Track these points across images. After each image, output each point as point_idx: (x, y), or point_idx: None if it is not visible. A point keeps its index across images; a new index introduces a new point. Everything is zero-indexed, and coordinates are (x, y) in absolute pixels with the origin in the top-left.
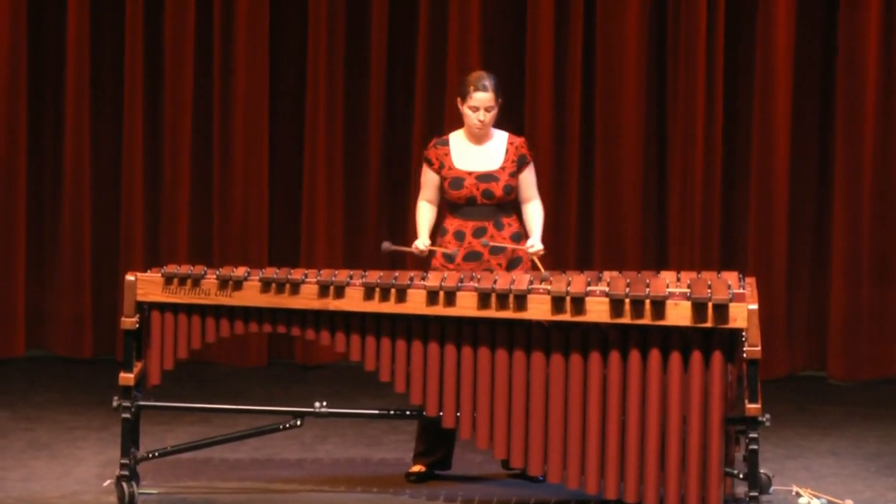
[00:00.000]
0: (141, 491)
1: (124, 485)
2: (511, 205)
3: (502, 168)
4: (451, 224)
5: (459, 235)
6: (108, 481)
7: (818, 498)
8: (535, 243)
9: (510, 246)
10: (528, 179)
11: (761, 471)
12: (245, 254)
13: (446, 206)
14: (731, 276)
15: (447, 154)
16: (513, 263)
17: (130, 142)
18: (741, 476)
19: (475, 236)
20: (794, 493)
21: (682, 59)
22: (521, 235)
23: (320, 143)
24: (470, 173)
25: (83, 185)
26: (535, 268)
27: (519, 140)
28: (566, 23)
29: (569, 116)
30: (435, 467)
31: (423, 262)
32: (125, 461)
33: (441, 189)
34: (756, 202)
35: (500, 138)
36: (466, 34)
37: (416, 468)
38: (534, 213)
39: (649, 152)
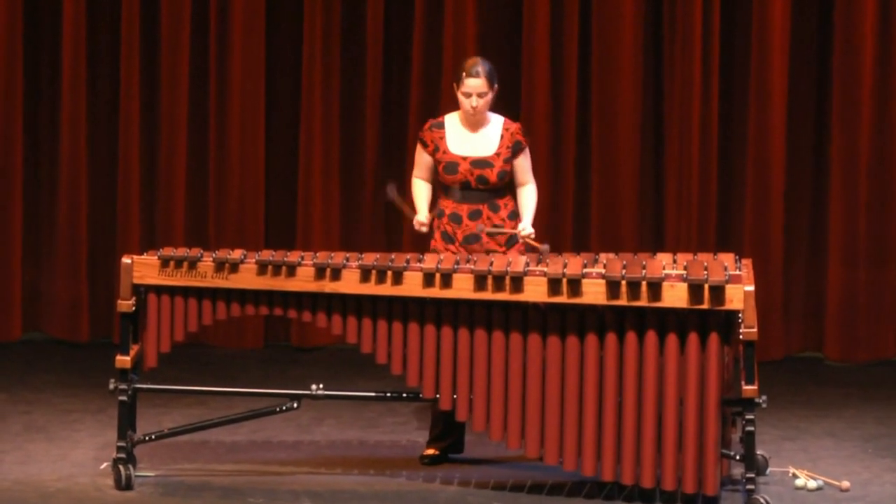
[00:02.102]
0: (138, 473)
1: (121, 467)
2: (505, 187)
3: (497, 154)
4: (447, 206)
5: (456, 218)
6: (104, 464)
7: (815, 479)
8: (525, 226)
9: (506, 231)
10: (522, 165)
11: (758, 452)
12: (241, 236)
13: (440, 188)
14: (727, 258)
15: (442, 137)
16: (510, 241)
17: (127, 124)
18: (738, 457)
19: (471, 219)
20: (790, 475)
21: (678, 43)
22: (518, 214)
23: (316, 125)
24: (465, 158)
25: (80, 167)
26: (530, 249)
27: (514, 126)
28: (562, 7)
29: (565, 100)
30: (448, 451)
31: (422, 241)
32: (122, 444)
33: (434, 170)
34: (753, 184)
35: (496, 123)
36: (462, 20)
37: (430, 451)
38: (527, 197)
39: (646, 135)
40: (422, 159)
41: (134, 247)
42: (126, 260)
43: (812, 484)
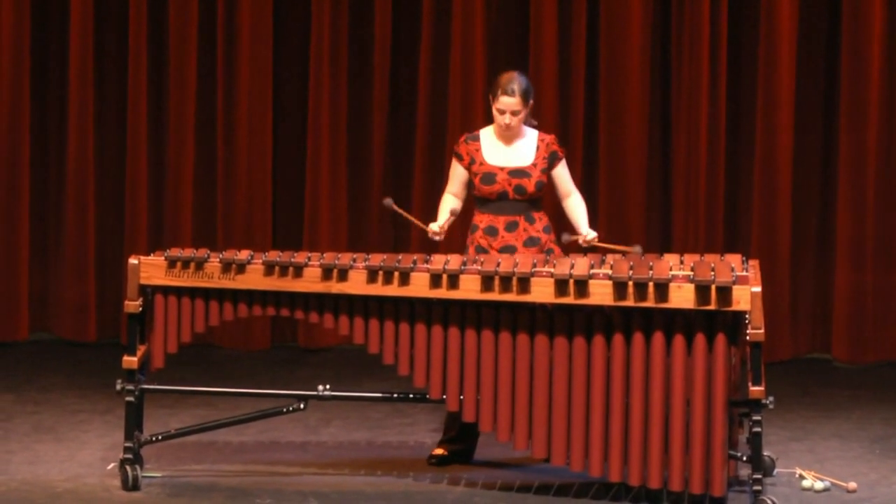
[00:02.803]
0: (145, 474)
1: (128, 468)
2: (540, 200)
3: (534, 164)
4: (482, 220)
5: (492, 231)
6: (112, 464)
7: (822, 480)
8: (587, 231)
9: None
10: (563, 175)
11: (765, 453)
12: (249, 237)
13: (475, 203)
14: (734, 259)
15: (478, 150)
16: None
17: (134, 125)
18: (745, 458)
19: (508, 231)
20: (797, 476)
21: (685, 42)
22: (551, 229)
23: (324, 125)
24: (502, 168)
25: (87, 168)
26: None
27: (549, 137)
28: (570, 9)
29: (573, 102)
30: (457, 455)
31: (431, 247)
32: (129, 444)
33: (469, 185)
34: (760, 185)
35: (531, 136)
36: (470, 23)
37: (439, 451)
38: (576, 204)
39: (653, 136)
40: (456, 173)
41: (141, 247)
42: (133, 261)
43: (819, 485)
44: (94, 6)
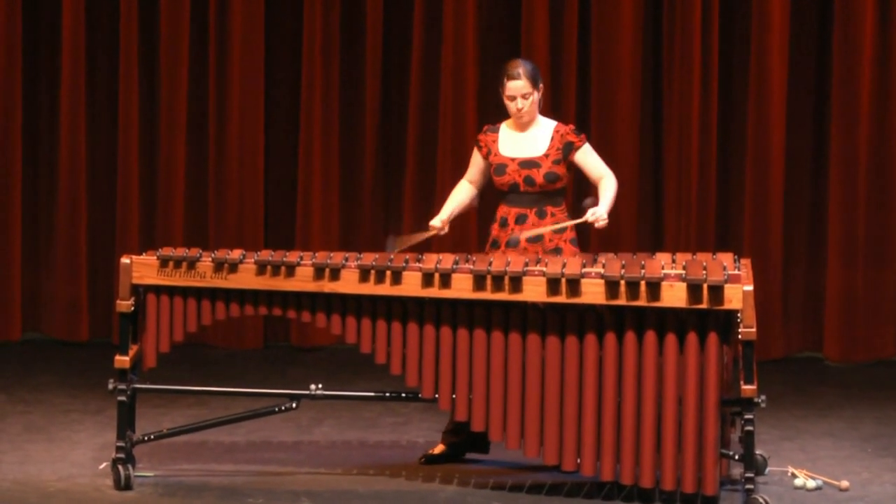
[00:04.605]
0: (137, 474)
1: (120, 468)
2: (558, 193)
3: (545, 155)
4: (500, 211)
5: (504, 222)
6: (104, 464)
7: (814, 479)
8: (595, 212)
9: (546, 230)
10: (587, 161)
11: (757, 452)
12: (241, 236)
13: (497, 193)
14: (726, 258)
15: (495, 141)
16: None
17: (126, 125)
18: (737, 457)
19: (517, 223)
20: (789, 475)
21: (677, 42)
22: (566, 228)
23: (316, 124)
24: (513, 160)
25: (79, 167)
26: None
27: (566, 128)
28: (561, 7)
29: (564, 99)
30: (463, 447)
31: (422, 246)
32: (121, 444)
33: (486, 174)
34: (752, 183)
35: (547, 126)
36: (462, 23)
37: (436, 449)
38: (603, 187)
39: (645, 135)
40: (474, 161)
41: (133, 247)
42: (125, 260)
43: (811, 484)
44: (84, 5)
